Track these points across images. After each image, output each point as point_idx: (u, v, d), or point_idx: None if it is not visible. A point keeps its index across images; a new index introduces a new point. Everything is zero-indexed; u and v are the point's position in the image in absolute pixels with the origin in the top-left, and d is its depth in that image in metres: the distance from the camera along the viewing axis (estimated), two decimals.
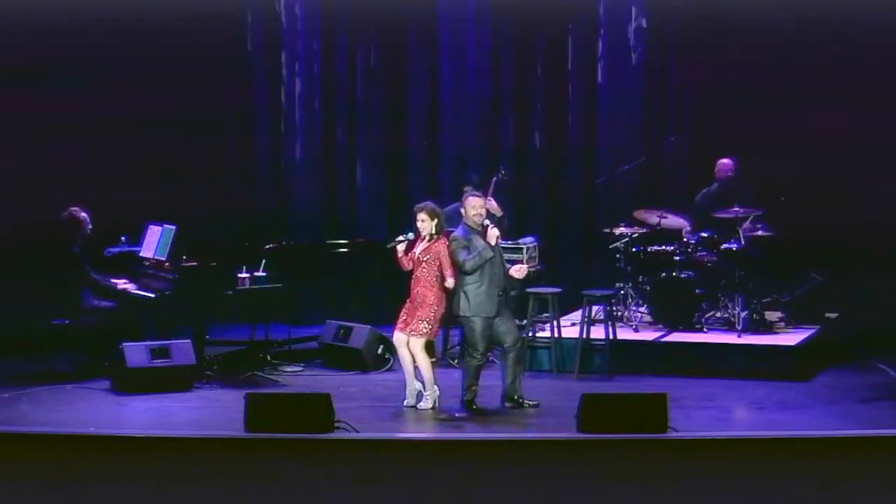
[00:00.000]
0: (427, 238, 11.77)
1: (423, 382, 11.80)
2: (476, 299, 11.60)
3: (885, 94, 14.64)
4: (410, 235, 11.84)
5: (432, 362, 12.06)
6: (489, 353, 13.29)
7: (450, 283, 11.65)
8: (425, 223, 11.75)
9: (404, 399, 11.88)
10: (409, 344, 11.74)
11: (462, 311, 11.64)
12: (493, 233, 11.65)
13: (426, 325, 11.72)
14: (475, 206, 11.71)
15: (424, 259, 11.72)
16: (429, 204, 11.88)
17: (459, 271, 11.59)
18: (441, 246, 11.71)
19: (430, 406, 11.78)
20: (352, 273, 14.29)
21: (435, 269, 11.70)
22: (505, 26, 16.22)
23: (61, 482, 9.54)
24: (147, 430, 10.99)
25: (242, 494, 9.46)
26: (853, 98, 14.61)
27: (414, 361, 11.75)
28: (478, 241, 11.61)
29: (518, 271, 11.95)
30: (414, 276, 11.78)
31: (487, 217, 11.88)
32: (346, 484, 9.59)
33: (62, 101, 14.72)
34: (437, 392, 11.83)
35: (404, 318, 11.80)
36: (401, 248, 11.83)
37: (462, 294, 11.62)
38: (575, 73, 16.26)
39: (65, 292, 12.92)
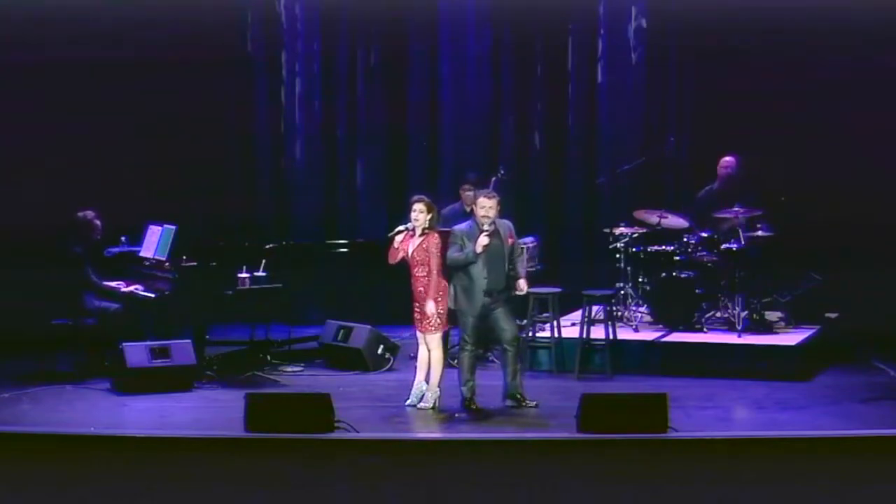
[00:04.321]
0: (419, 234, 11.77)
1: (429, 381, 11.83)
2: (461, 295, 11.70)
3: (885, 94, 14.63)
4: (410, 225, 11.84)
5: None
6: (489, 353, 13.35)
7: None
8: (421, 215, 11.75)
9: (407, 399, 11.88)
10: (426, 340, 11.79)
11: (454, 305, 11.77)
12: (481, 241, 11.61)
13: (437, 319, 11.76)
14: (483, 206, 11.69)
15: (419, 258, 11.74)
16: (426, 197, 11.90)
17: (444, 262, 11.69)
18: (432, 241, 11.74)
19: (430, 406, 11.79)
20: (352, 273, 14.29)
21: (430, 264, 11.73)
22: (505, 26, 16.21)
23: (61, 482, 9.54)
24: (147, 430, 10.99)
25: (242, 494, 9.46)
26: (854, 98, 14.62)
27: (429, 359, 11.81)
28: (470, 244, 11.64)
29: (519, 289, 11.90)
30: (413, 276, 11.80)
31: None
32: (346, 484, 9.59)
33: (62, 101, 14.75)
34: (438, 393, 11.84)
35: (417, 316, 11.84)
36: (399, 237, 11.83)
37: (454, 288, 11.74)
38: (575, 73, 16.26)
39: (65, 293, 12.92)
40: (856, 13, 14.45)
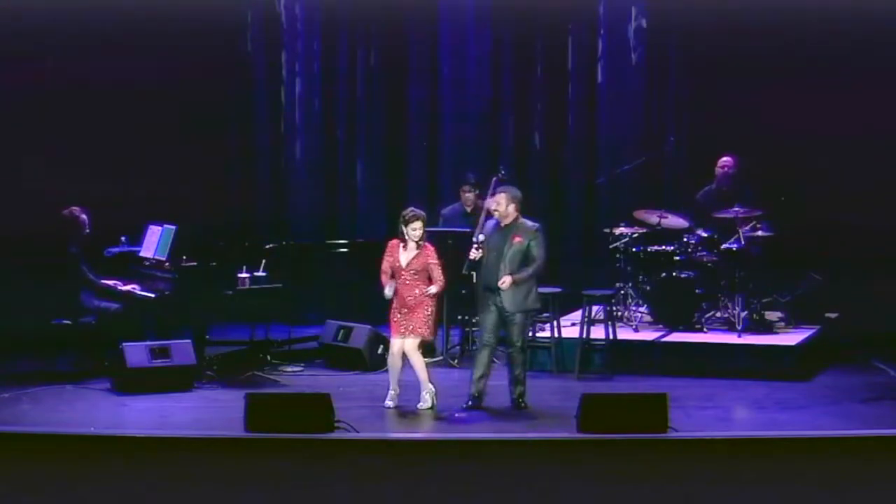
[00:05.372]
0: (415, 246, 11.79)
1: (420, 382, 11.83)
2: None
3: (886, 95, 14.63)
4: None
5: (434, 362, 12.09)
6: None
7: (433, 290, 11.75)
8: (421, 231, 11.79)
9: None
10: (406, 346, 11.77)
11: None
12: (471, 253, 11.75)
13: (426, 327, 11.77)
14: (494, 203, 11.91)
15: (417, 268, 11.76)
16: (420, 211, 11.93)
17: None
18: (430, 254, 11.79)
19: (428, 406, 11.79)
20: (352, 273, 14.29)
21: (434, 274, 11.78)
22: (505, 26, 16.21)
23: (61, 482, 9.54)
24: (147, 430, 11.00)
25: (242, 494, 9.46)
26: (854, 98, 14.61)
27: (405, 362, 11.81)
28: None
29: (503, 283, 11.90)
30: (404, 284, 11.78)
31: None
32: (346, 484, 9.59)
33: (62, 101, 14.75)
34: (434, 390, 11.84)
35: (402, 322, 11.80)
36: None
37: None
38: (575, 73, 16.25)
39: (63, 292, 12.92)
40: (856, 12, 14.45)
